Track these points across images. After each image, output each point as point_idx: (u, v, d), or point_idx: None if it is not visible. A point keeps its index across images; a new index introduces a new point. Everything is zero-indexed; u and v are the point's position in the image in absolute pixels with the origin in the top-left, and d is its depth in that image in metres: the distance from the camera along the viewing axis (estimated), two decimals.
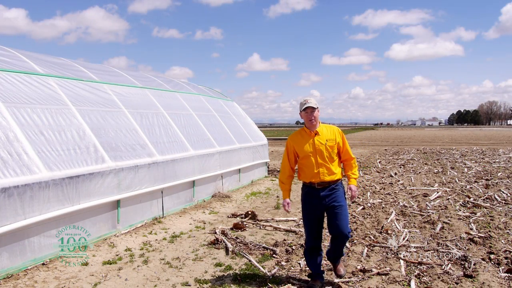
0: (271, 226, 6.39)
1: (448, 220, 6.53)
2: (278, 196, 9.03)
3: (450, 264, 4.56)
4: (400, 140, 37.52)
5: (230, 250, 5.16)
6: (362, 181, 11.16)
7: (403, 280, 4.18)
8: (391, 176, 12.24)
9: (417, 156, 19.31)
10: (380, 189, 9.87)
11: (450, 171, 13.02)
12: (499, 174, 12.08)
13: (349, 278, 4.24)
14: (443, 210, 7.31)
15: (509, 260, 4.62)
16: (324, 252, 4.26)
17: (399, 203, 8.06)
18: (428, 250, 5.08)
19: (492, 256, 4.79)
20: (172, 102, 9.38)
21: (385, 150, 24.18)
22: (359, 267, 4.49)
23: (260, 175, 12.10)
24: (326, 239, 5.08)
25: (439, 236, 5.70)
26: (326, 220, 4.04)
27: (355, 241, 5.50)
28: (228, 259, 4.93)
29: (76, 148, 5.45)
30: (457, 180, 10.99)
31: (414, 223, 6.45)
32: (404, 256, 4.85)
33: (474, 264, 4.52)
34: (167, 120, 8.30)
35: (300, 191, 4.13)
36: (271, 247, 5.25)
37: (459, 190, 9.41)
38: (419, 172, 12.98)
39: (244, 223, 6.54)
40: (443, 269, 4.44)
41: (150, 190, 6.60)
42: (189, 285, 4.16)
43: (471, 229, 6.03)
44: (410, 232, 5.90)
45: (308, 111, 3.92)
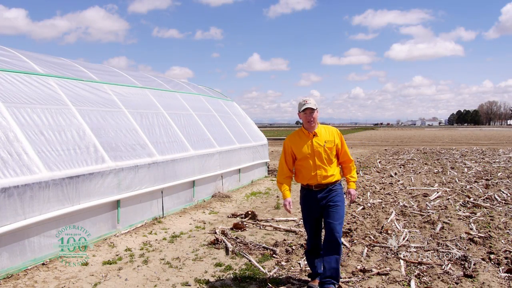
0: (271, 226, 6.39)
1: (448, 220, 6.53)
2: (278, 196, 9.02)
3: (450, 264, 4.56)
4: (400, 140, 37.52)
5: (230, 250, 5.16)
6: (362, 181, 11.16)
7: (403, 280, 4.18)
8: (391, 176, 12.24)
9: (417, 156, 19.31)
10: (380, 189, 9.87)
11: (450, 171, 13.02)
12: (499, 174, 12.08)
13: (349, 278, 4.24)
14: (443, 210, 7.31)
15: (509, 260, 4.62)
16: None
17: (399, 203, 8.06)
18: (428, 250, 5.08)
19: (492, 256, 4.79)
20: (172, 102, 9.38)
21: (385, 150, 24.18)
22: (359, 267, 4.49)
23: (260, 175, 12.10)
24: None
25: (439, 236, 5.70)
26: None
27: (355, 241, 5.50)
28: (228, 259, 4.93)
29: (76, 148, 5.46)
30: (457, 180, 10.99)
31: (414, 223, 6.45)
32: (404, 256, 4.85)
33: (474, 264, 4.52)
34: (167, 120, 8.30)
35: (299, 191, 4.10)
36: (271, 247, 5.26)
37: (459, 190, 9.41)
38: (419, 172, 12.98)
39: (244, 223, 6.54)
40: (443, 269, 4.44)
41: (150, 190, 6.60)
42: (189, 285, 4.16)
43: (471, 229, 6.03)
44: (410, 232, 5.90)
45: (307, 112, 3.83)
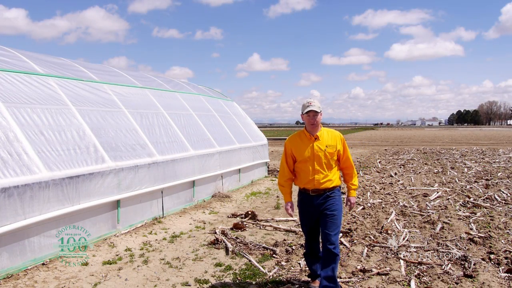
0: (271, 226, 6.39)
1: (448, 220, 6.53)
2: (278, 196, 9.02)
3: (450, 264, 4.56)
4: (400, 140, 37.51)
5: (230, 250, 5.16)
6: (362, 181, 11.16)
7: (403, 280, 4.18)
8: (391, 176, 12.24)
9: (417, 156, 19.31)
10: (380, 189, 9.87)
11: (450, 171, 13.02)
12: (499, 174, 12.08)
13: (349, 278, 4.24)
14: (443, 210, 7.31)
15: (509, 260, 4.63)
16: None
17: (399, 203, 8.06)
18: (428, 250, 5.08)
19: (492, 256, 4.79)
20: (172, 102, 9.38)
21: (385, 150, 24.17)
22: (359, 267, 4.49)
23: (260, 175, 12.10)
24: None
25: (439, 236, 5.70)
26: None
27: (355, 241, 5.50)
28: (228, 259, 4.93)
29: (76, 148, 5.46)
30: (457, 180, 10.99)
31: (414, 223, 6.45)
32: (404, 256, 4.85)
33: (474, 264, 4.52)
34: (167, 120, 8.30)
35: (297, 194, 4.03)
36: (271, 247, 5.26)
37: (459, 190, 9.41)
38: (419, 172, 12.97)
39: (244, 223, 6.54)
40: (443, 269, 4.44)
41: (150, 190, 6.60)
42: (189, 285, 4.16)
43: (471, 229, 6.03)
44: (410, 232, 5.90)
45: (310, 114, 3.71)
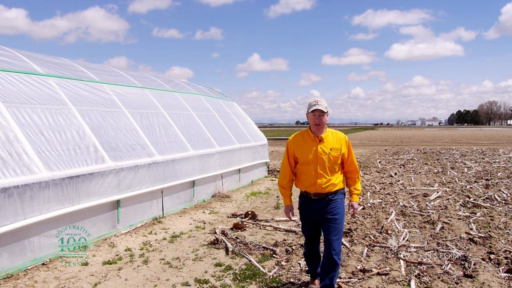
0: (271, 226, 6.39)
1: (448, 220, 6.53)
2: (278, 196, 9.02)
3: (450, 264, 4.56)
4: (400, 140, 37.51)
5: (230, 250, 5.16)
6: (362, 181, 11.16)
7: (403, 280, 4.18)
8: (391, 176, 12.24)
9: (417, 156, 19.31)
10: (380, 189, 9.87)
11: (450, 171, 13.02)
12: (499, 174, 12.08)
13: (349, 278, 4.24)
14: (443, 210, 7.31)
15: (509, 260, 4.63)
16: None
17: (399, 203, 8.06)
18: (428, 250, 5.08)
19: (492, 256, 4.79)
20: (172, 102, 9.38)
21: (385, 150, 24.17)
22: (359, 267, 4.49)
23: (260, 175, 12.10)
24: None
25: (439, 236, 5.70)
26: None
27: (355, 241, 5.50)
28: (228, 259, 4.93)
29: (76, 148, 5.46)
30: (457, 180, 10.99)
31: (414, 223, 6.45)
32: (404, 256, 4.85)
33: (474, 264, 4.52)
34: (167, 120, 8.30)
35: (298, 197, 3.92)
36: (271, 247, 5.26)
37: (459, 190, 9.41)
38: (419, 172, 12.97)
39: (244, 223, 6.54)
40: (443, 269, 4.44)
41: (150, 190, 6.60)
42: (189, 285, 4.16)
43: (471, 229, 6.03)
44: (410, 232, 5.90)
45: (316, 114, 3.54)
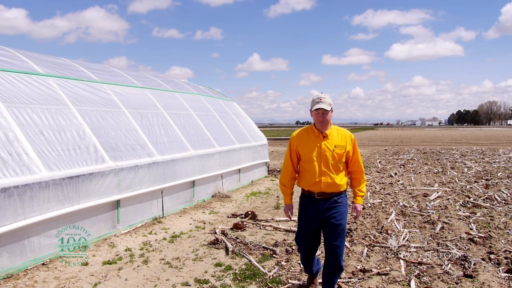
0: (271, 226, 6.39)
1: (448, 220, 6.53)
2: (278, 196, 9.03)
3: (450, 264, 4.57)
4: (400, 140, 37.51)
5: (230, 250, 5.16)
6: None
7: (403, 280, 4.18)
8: (391, 176, 12.24)
9: (417, 156, 19.31)
10: (380, 189, 9.87)
11: (450, 171, 13.02)
12: (499, 174, 12.08)
13: (349, 278, 4.24)
14: (443, 210, 7.31)
15: (509, 260, 4.63)
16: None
17: (399, 203, 8.06)
18: (428, 250, 5.08)
19: (492, 256, 4.79)
20: (172, 102, 9.38)
21: (385, 150, 24.17)
22: (359, 267, 4.49)
23: (260, 175, 12.10)
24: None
25: (439, 236, 5.70)
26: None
27: (355, 241, 5.50)
28: (228, 259, 4.93)
29: (76, 148, 5.46)
30: (457, 180, 10.99)
31: (414, 223, 6.45)
32: (404, 256, 4.85)
33: (474, 264, 4.52)
34: (167, 120, 8.30)
35: (299, 197, 3.74)
36: (271, 247, 5.26)
37: (459, 190, 9.41)
38: (419, 172, 12.97)
39: (244, 223, 6.54)
40: (443, 269, 4.44)
41: (150, 190, 6.60)
42: (189, 285, 4.16)
43: (471, 229, 6.03)
44: (410, 232, 5.90)
45: (319, 112, 3.42)
